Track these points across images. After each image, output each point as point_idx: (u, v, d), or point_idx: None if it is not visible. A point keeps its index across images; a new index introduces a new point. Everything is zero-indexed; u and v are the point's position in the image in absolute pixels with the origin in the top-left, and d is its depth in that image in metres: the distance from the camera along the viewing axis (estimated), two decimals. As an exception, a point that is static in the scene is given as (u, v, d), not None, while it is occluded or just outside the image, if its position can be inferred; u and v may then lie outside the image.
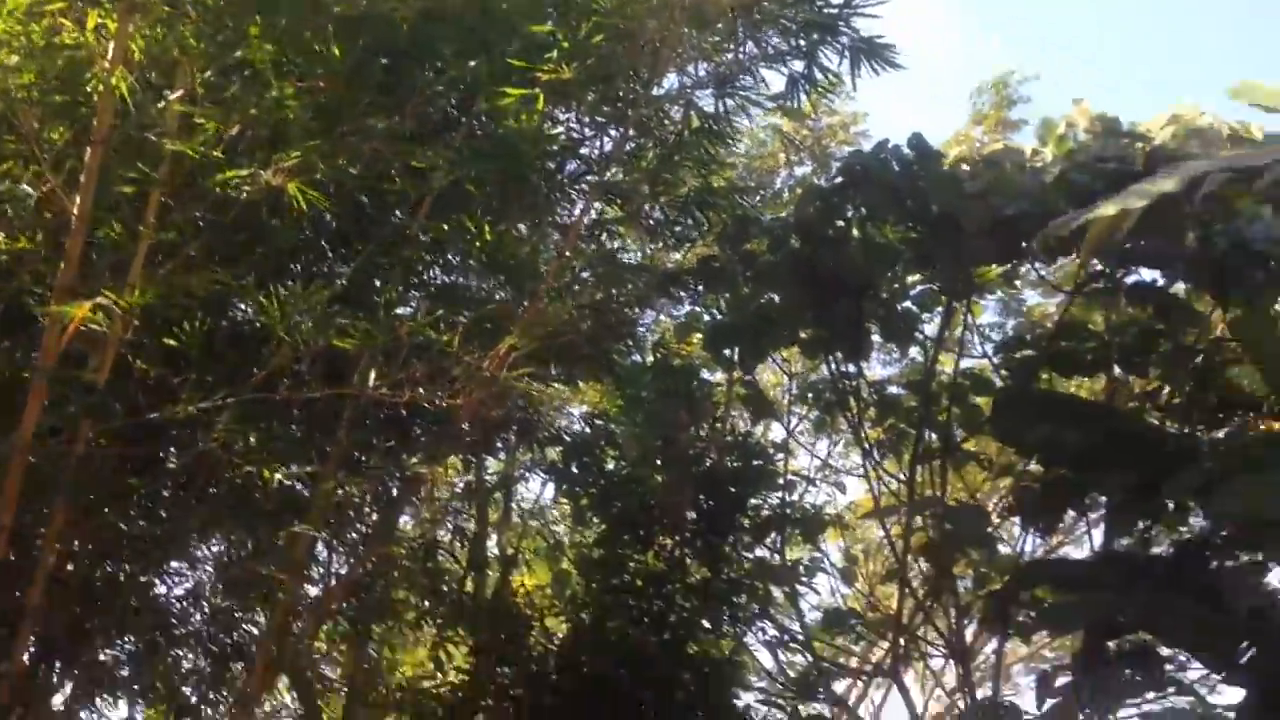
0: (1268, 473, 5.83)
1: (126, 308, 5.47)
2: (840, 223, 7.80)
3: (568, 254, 7.59)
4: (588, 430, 9.21)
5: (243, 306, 6.52)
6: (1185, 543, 7.02)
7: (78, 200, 5.56)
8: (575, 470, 8.89)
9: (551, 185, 7.73)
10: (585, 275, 8.04)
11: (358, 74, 6.06)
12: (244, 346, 6.29)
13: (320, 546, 7.42)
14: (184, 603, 7.34)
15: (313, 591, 7.48)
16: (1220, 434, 7.46)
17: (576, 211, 7.84)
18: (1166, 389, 7.58)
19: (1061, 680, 6.86)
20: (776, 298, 8.11)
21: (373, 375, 5.99)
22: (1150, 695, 7.26)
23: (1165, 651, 7.94)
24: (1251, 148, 7.39)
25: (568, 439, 9.12)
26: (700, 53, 7.47)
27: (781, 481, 8.84)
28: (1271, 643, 6.16)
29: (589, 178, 7.86)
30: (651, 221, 8.24)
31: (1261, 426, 8.00)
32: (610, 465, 8.93)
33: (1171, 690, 6.82)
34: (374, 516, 7.56)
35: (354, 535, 7.65)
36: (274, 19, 5.88)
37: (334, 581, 7.38)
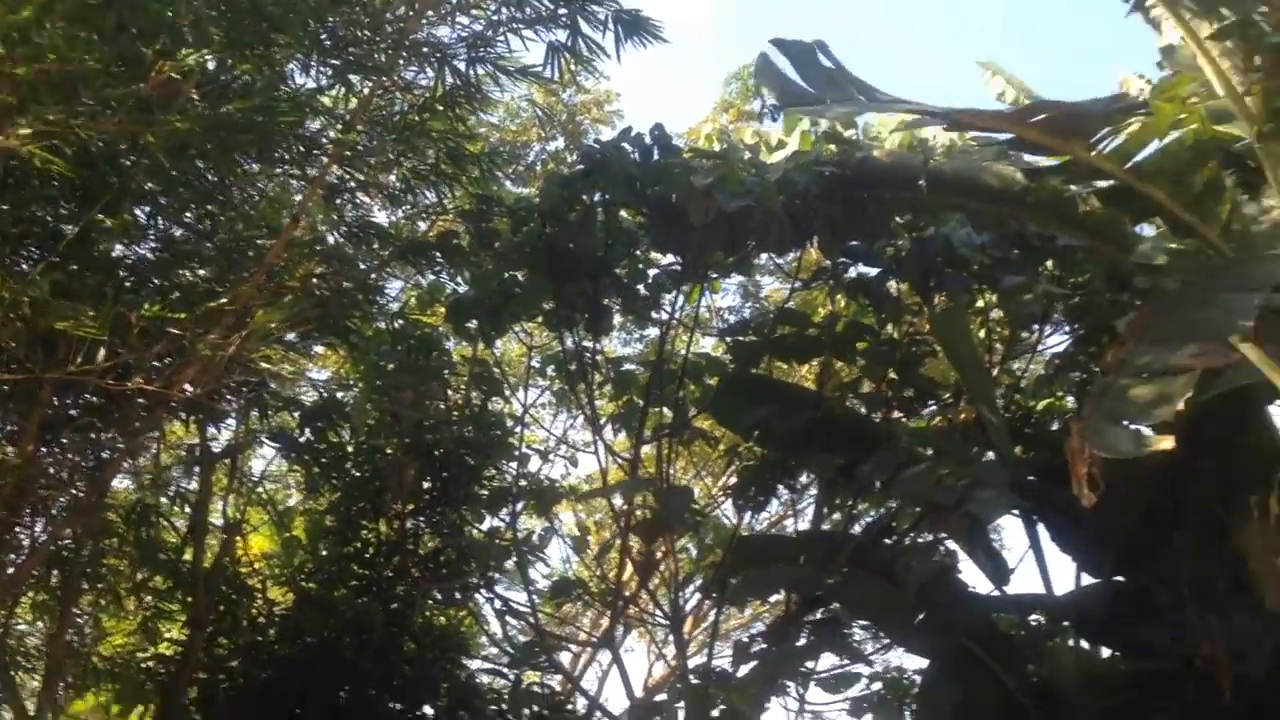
0: (944, 460, 6.38)
1: None
2: (582, 207, 8.00)
3: (306, 215, 7.43)
4: (323, 397, 9.06)
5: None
6: (874, 522, 7.60)
7: None
8: (309, 437, 8.75)
9: (293, 144, 7.53)
10: (325, 239, 7.92)
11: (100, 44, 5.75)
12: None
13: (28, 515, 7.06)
14: None
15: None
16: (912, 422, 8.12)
17: (317, 172, 7.67)
18: (867, 378, 8.13)
19: (758, 647, 7.33)
20: (519, 275, 8.25)
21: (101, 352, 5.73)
22: (839, 661, 7.90)
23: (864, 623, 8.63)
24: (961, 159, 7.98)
25: (303, 405, 8.96)
26: (458, 5, 7.36)
27: (517, 454, 8.99)
28: (940, 615, 6.77)
29: (331, 135, 7.70)
30: (395, 189, 8.16)
31: (959, 416, 8.75)
32: (346, 434, 8.83)
33: (860, 659, 7.47)
34: (82, 483, 7.21)
35: (63, 502, 7.28)
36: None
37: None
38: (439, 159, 7.86)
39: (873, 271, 8.41)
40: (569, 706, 8.84)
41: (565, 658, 11.30)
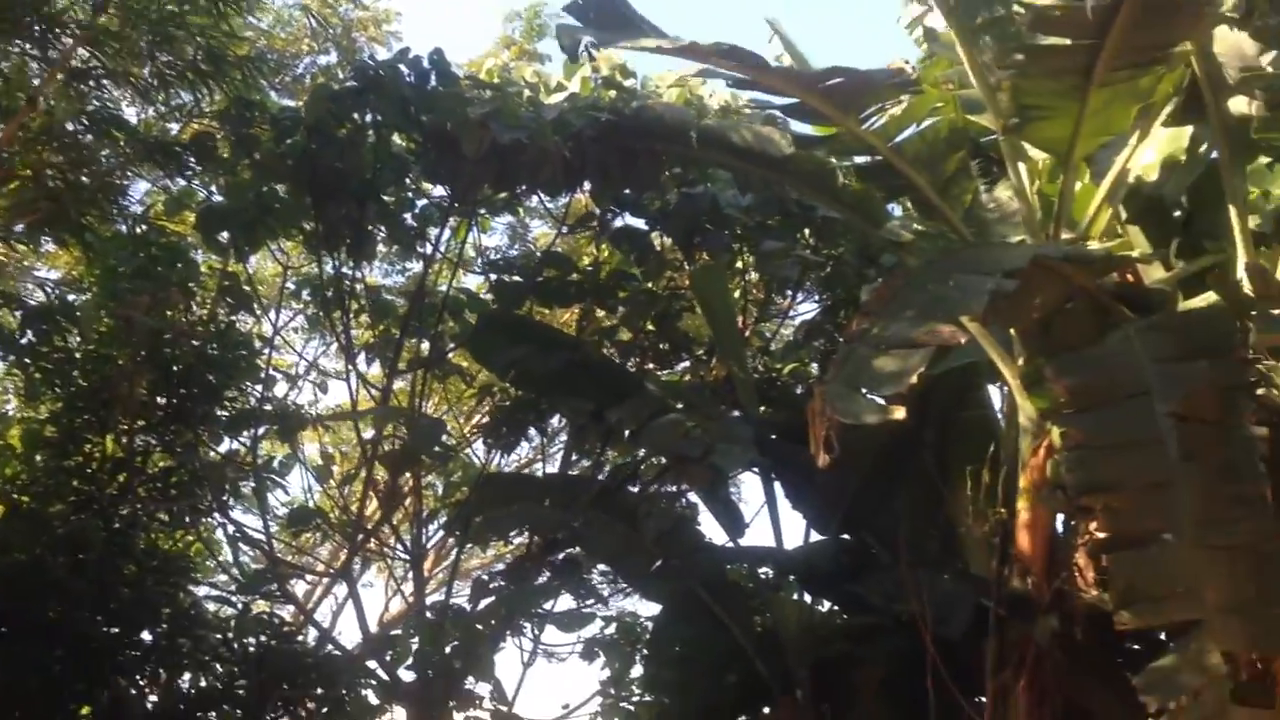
0: (693, 413, 6.55)
1: None
2: (352, 126, 7.71)
3: (44, 100, 6.88)
4: (51, 298, 8.42)
5: None
6: (620, 469, 7.74)
7: None
8: (32, 339, 8.12)
9: (33, 19, 6.92)
10: (63, 127, 7.35)
11: None
12: None
13: None
14: None
15: None
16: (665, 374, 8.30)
17: (59, 54, 7.09)
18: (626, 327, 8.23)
19: (496, 585, 7.37)
20: (279, 189, 7.90)
21: None
22: (576, 604, 8.05)
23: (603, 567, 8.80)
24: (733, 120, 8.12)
25: (28, 305, 8.30)
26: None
27: (263, 376, 8.64)
28: (676, 562, 6.98)
29: (78, 15, 7.14)
30: (147, 83, 7.64)
31: (710, 373, 9.00)
32: (74, 339, 8.25)
33: (593, 601, 7.63)
34: None
35: None
36: None
37: None
38: (198, 56, 7.41)
39: (639, 223, 8.53)
40: (299, 638, 8.63)
41: (300, 589, 11.02)
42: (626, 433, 7.61)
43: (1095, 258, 5.00)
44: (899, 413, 3.95)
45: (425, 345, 8.63)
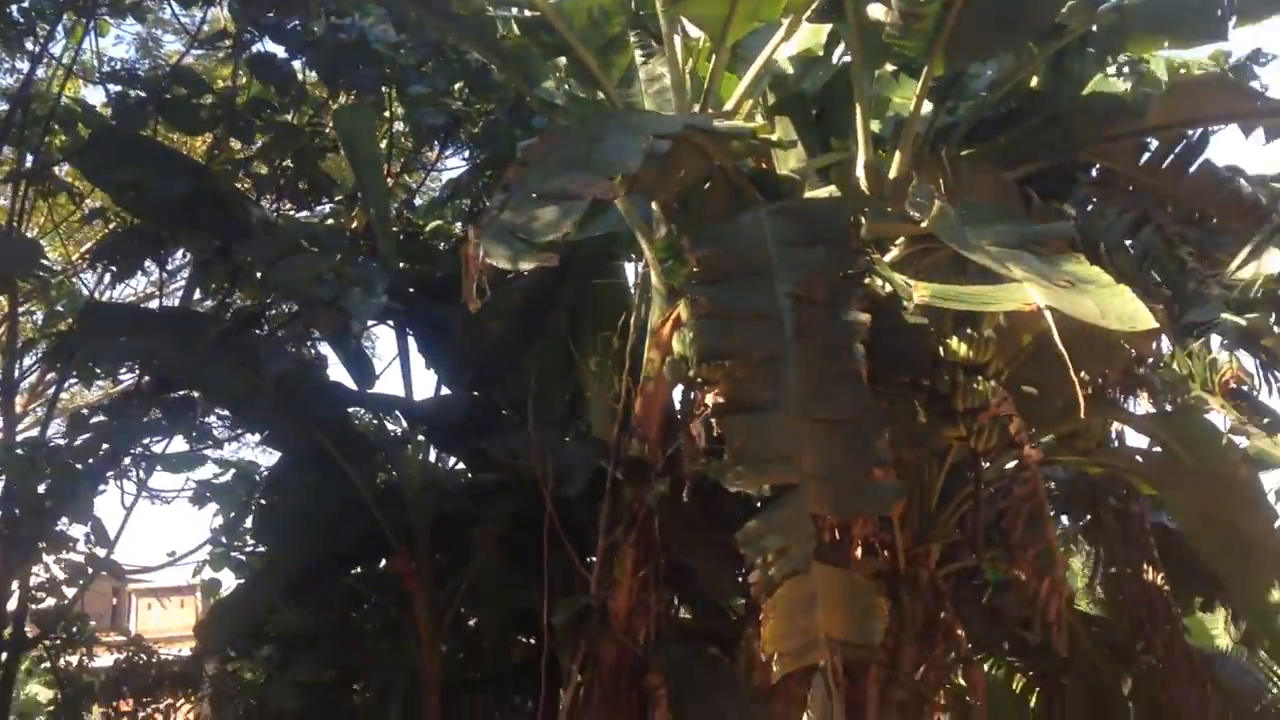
0: (326, 256, 6.27)
1: None
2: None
3: None
4: None
5: None
6: (246, 310, 7.33)
7: None
8: None
9: None
10: None
11: None
12: None
13: None
14: None
15: None
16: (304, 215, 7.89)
17: None
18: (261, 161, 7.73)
19: (96, 419, 6.84)
20: None
21: None
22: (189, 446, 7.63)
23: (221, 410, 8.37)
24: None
25: None
26: None
27: None
28: (298, 408, 6.74)
29: None
30: None
31: (350, 220, 8.66)
32: None
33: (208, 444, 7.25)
34: None
35: None
36: None
37: None
38: None
39: (282, 51, 7.93)
40: None
41: None
42: (258, 275, 7.19)
43: (741, 133, 5.17)
44: (552, 260, 3.94)
45: (30, 159, 7.73)
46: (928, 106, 6.14)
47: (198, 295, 8.45)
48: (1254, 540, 6.33)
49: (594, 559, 6.30)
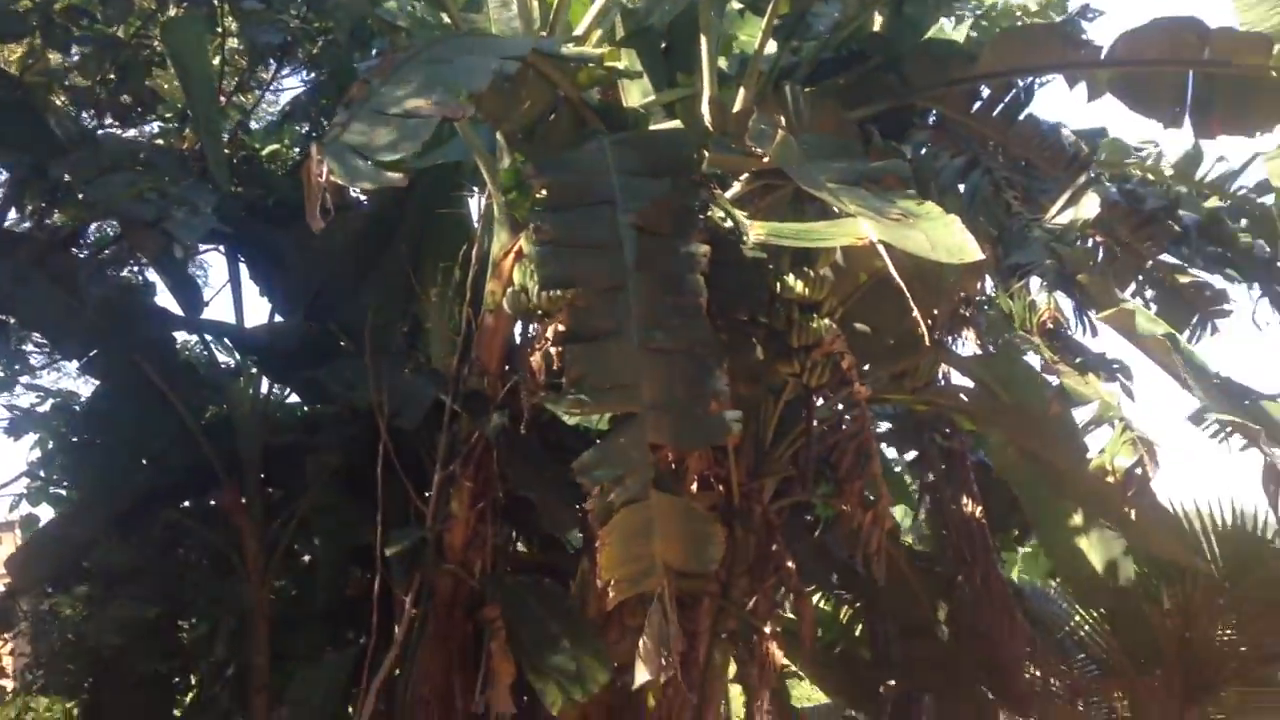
0: (150, 175, 5.96)
1: None
2: None
3: None
4: None
5: None
6: (62, 228, 6.94)
7: None
8: None
9: None
10: None
11: None
12: None
13: None
14: None
15: None
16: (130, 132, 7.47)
17: None
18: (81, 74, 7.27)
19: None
20: None
21: None
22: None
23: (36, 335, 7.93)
24: None
25: None
26: None
27: None
28: (121, 335, 6.43)
29: None
30: None
31: (180, 140, 8.26)
32: None
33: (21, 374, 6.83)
34: None
35: None
36: None
37: None
38: None
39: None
40: None
41: None
42: (80, 195, 6.78)
43: (589, 58, 5.10)
44: (400, 179, 3.83)
45: None
46: (772, 45, 6.18)
47: (13, 215, 7.96)
48: (1065, 475, 6.66)
49: (431, 492, 6.23)
